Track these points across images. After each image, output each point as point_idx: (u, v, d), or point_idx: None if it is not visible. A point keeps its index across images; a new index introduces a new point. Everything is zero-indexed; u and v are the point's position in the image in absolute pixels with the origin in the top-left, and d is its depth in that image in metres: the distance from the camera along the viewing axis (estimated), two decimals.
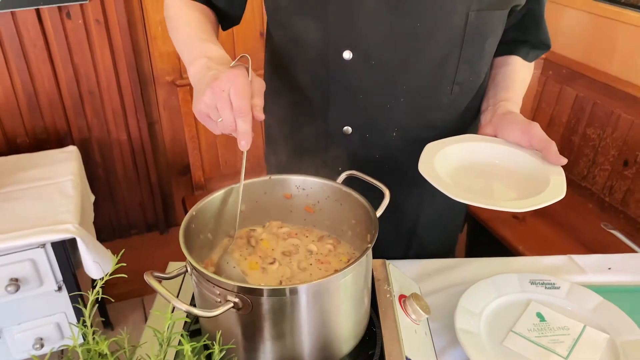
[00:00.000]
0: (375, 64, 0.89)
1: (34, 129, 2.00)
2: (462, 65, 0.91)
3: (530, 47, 1.03)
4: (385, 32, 0.86)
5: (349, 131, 0.96)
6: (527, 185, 0.84)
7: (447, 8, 0.84)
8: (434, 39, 0.87)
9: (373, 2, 0.84)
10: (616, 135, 2.00)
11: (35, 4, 1.81)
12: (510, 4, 0.90)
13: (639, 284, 1.08)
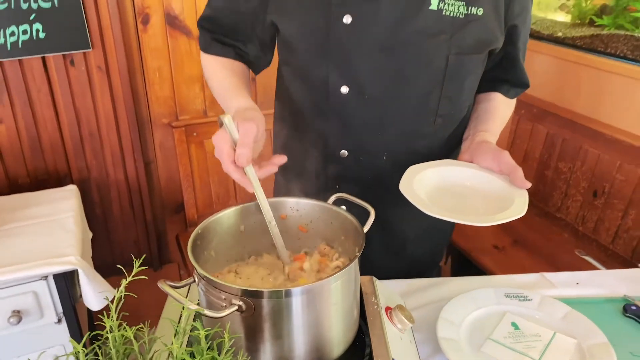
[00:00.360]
0: (368, 97, 1.02)
1: (35, 170, 2.10)
2: (443, 100, 1.04)
3: (511, 85, 1.16)
4: (377, 71, 0.99)
5: (345, 154, 1.09)
6: (495, 204, 0.95)
7: (430, 52, 0.98)
8: (418, 77, 1.01)
9: (367, 45, 0.97)
10: (585, 169, 2.14)
11: (41, 52, 1.93)
12: (486, 49, 1.04)
13: (603, 296, 1.18)
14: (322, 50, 1.00)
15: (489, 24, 0.99)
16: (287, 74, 1.12)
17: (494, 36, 1.02)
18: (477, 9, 0.96)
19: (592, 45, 2.20)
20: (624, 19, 2.08)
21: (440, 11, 0.95)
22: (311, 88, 1.06)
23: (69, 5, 1.92)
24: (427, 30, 0.96)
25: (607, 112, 2.14)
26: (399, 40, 0.96)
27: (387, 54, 0.97)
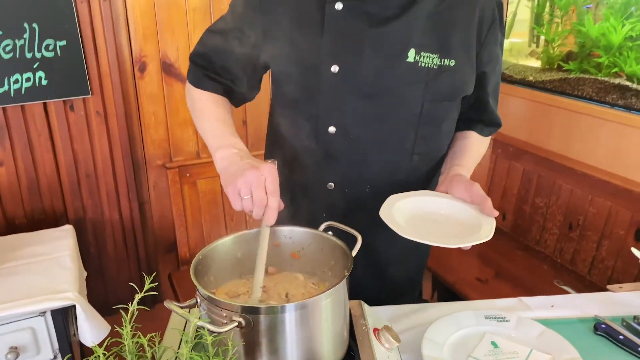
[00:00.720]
0: (352, 137, 1.13)
1: (33, 211, 2.16)
2: (419, 140, 1.15)
3: (484, 125, 1.27)
4: (361, 114, 1.10)
5: (332, 186, 1.18)
6: (465, 230, 1.05)
7: (406, 99, 1.10)
8: (396, 120, 1.12)
9: (352, 92, 1.09)
10: (560, 203, 2.26)
11: (43, 98, 2.04)
12: (458, 96, 1.15)
13: (575, 317, 1.26)
14: (312, 94, 1.11)
15: (461, 73, 1.11)
16: (279, 113, 1.23)
17: (466, 84, 1.14)
18: (450, 61, 1.08)
19: (560, 88, 2.36)
20: (588, 64, 2.25)
21: (417, 63, 1.07)
22: (301, 127, 1.16)
23: (71, 54, 2.04)
24: (404, 80, 1.08)
25: (577, 149, 2.28)
26: (379, 88, 1.08)
27: (369, 99, 1.09)
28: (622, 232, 2.00)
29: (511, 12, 2.59)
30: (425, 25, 1.06)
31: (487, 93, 1.22)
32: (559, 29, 2.42)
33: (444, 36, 1.08)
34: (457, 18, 1.09)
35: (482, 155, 1.32)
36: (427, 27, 1.06)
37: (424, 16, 1.06)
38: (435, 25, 1.07)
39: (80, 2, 2.02)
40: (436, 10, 1.07)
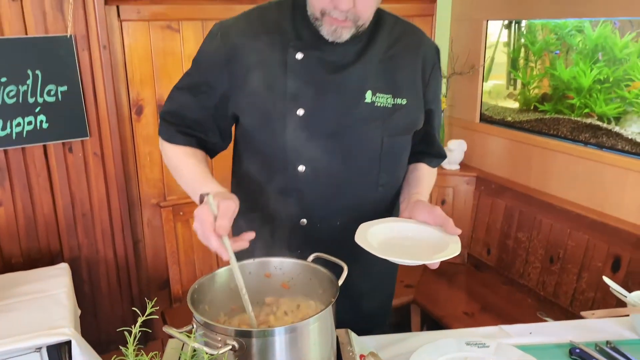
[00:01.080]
0: (321, 174, 1.21)
1: (29, 249, 2.21)
2: (382, 173, 1.25)
3: (432, 157, 1.40)
4: (327, 152, 1.19)
5: (305, 222, 1.26)
6: (434, 249, 1.13)
7: (368, 136, 1.20)
8: (360, 156, 1.22)
9: (318, 132, 1.18)
10: (541, 237, 2.35)
11: (43, 141, 2.12)
12: (412, 130, 1.28)
13: (552, 343, 1.33)
14: (280, 138, 1.19)
15: (412, 110, 1.23)
16: (246, 158, 1.30)
17: (418, 119, 1.27)
18: (402, 100, 1.20)
19: (537, 128, 2.49)
20: (562, 105, 2.39)
21: (373, 103, 1.18)
22: (271, 169, 1.24)
23: (71, 99, 2.13)
24: (364, 119, 1.19)
25: (555, 186, 2.39)
26: (342, 127, 1.18)
27: (334, 138, 1.18)
28: (600, 264, 2.08)
29: (489, 57, 2.75)
30: (378, 69, 1.18)
31: (433, 128, 1.36)
32: (534, 72, 2.57)
33: (395, 79, 1.20)
34: (404, 63, 1.22)
35: (433, 184, 1.42)
36: (380, 72, 1.18)
37: (376, 62, 1.18)
38: (387, 70, 1.19)
39: (81, 50, 2.13)
40: (386, 56, 1.19)
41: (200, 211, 1.00)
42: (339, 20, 1.08)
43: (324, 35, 1.12)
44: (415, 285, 2.61)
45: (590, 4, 2.13)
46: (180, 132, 1.24)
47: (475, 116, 2.82)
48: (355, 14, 1.07)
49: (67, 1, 2.06)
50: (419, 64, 1.24)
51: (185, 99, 1.24)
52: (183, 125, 1.25)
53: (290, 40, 1.16)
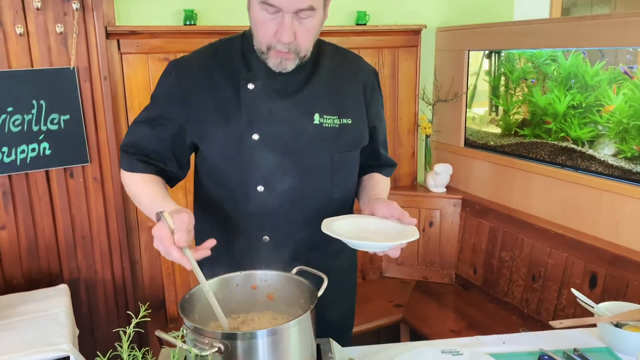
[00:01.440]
0: (279, 192, 1.30)
1: (30, 271, 2.29)
2: (335, 187, 1.36)
3: (382, 167, 1.51)
4: (283, 171, 1.29)
5: (267, 239, 1.35)
6: (394, 238, 1.20)
7: (319, 154, 1.31)
8: (313, 173, 1.32)
9: (273, 153, 1.27)
10: (523, 256, 2.44)
11: (46, 167, 2.23)
12: (359, 146, 1.39)
13: (523, 351, 1.41)
14: (239, 162, 1.29)
15: (357, 128, 1.35)
16: (207, 183, 1.39)
17: (363, 136, 1.39)
18: (347, 120, 1.32)
19: (518, 152, 2.61)
20: (540, 130, 2.51)
21: (321, 124, 1.29)
22: (232, 191, 1.33)
23: (73, 127, 2.25)
24: (314, 139, 1.30)
25: (535, 206, 2.49)
26: (295, 148, 1.29)
27: (288, 158, 1.29)
28: (578, 281, 2.17)
29: (471, 84, 2.88)
30: (323, 94, 1.31)
31: (378, 144, 1.48)
32: (514, 99, 2.70)
33: (339, 102, 1.33)
34: (347, 87, 1.36)
35: (388, 189, 1.52)
36: (325, 96, 1.31)
37: (321, 87, 1.31)
38: (332, 94, 1.32)
39: (83, 80, 2.26)
40: (330, 81, 1.33)
41: (158, 228, 1.07)
42: (282, 52, 1.20)
43: (270, 67, 1.24)
44: (404, 304, 2.69)
45: (561, 36, 2.27)
46: (140, 160, 1.30)
47: (460, 141, 2.94)
48: (296, 45, 1.20)
49: (71, 36, 2.20)
50: (360, 87, 1.37)
51: (144, 131, 1.32)
52: (142, 155, 1.31)
53: (241, 72, 1.28)
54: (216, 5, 2.49)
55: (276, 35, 1.18)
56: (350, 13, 2.84)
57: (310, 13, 1.17)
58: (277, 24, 1.16)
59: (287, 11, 1.14)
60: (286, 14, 1.15)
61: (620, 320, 1.45)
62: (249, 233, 1.35)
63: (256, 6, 1.17)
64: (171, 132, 1.31)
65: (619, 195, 2.10)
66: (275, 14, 1.16)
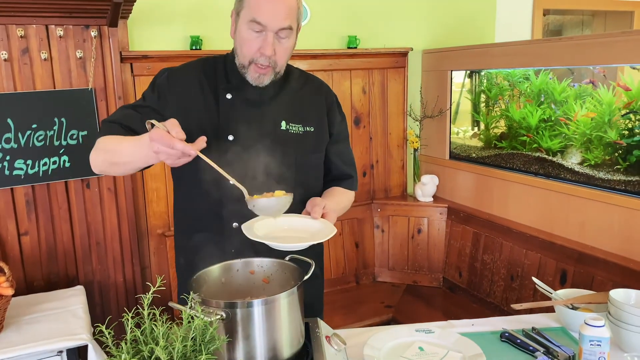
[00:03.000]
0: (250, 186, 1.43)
1: (49, 274, 2.51)
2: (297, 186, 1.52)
3: (341, 180, 1.68)
4: (252, 167, 1.47)
5: (236, 226, 1.50)
6: (307, 239, 1.37)
7: (284, 154, 1.50)
8: (278, 170, 1.50)
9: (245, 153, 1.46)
10: (503, 258, 2.64)
11: (65, 178, 2.46)
12: (319, 150, 1.59)
13: (488, 331, 1.61)
14: (214, 157, 1.41)
15: (318, 135, 1.57)
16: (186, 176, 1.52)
17: (323, 142, 1.60)
18: (309, 127, 1.55)
19: (497, 162, 2.83)
20: (516, 142, 2.74)
21: (287, 130, 1.53)
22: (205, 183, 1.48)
23: (90, 142, 2.46)
24: (280, 142, 1.51)
25: (513, 212, 2.70)
26: (264, 148, 1.49)
27: (256, 156, 1.49)
28: (550, 279, 2.37)
29: (455, 102, 3.12)
30: (289, 105, 1.54)
31: (330, 153, 1.64)
32: (492, 114, 2.93)
33: (304, 112, 1.56)
34: (310, 101, 1.59)
35: (350, 200, 1.71)
36: (291, 107, 1.54)
37: (287, 100, 1.54)
38: (296, 106, 1.56)
39: (100, 100, 2.50)
40: (295, 96, 1.56)
41: (154, 132, 1.19)
42: (262, 67, 1.43)
43: (249, 81, 1.47)
44: (394, 305, 2.88)
45: (531, 56, 2.51)
46: (121, 127, 1.43)
47: (445, 154, 3.17)
48: (275, 60, 1.43)
49: (90, 60, 2.45)
50: (322, 102, 1.61)
51: (128, 112, 1.48)
52: (122, 126, 1.44)
53: (221, 83, 1.51)
54: (219, 32, 2.75)
55: (259, 50, 1.41)
56: (342, 37, 3.10)
57: (288, 33, 1.42)
58: (261, 41, 1.41)
59: (271, 30, 1.39)
60: (269, 32, 1.40)
61: (574, 303, 1.66)
62: (220, 220, 1.54)
63: (244, 26, 1.42)
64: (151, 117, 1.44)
65: (584, 199, 2.32)
66: (260, 33, 1.40)
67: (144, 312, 1.12)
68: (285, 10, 1.40)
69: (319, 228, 1.42)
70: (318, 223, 1.44)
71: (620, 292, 1.52)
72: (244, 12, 1.42)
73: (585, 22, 4.52)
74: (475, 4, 3.48)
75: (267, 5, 1.39)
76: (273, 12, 1.39)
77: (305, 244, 1.34)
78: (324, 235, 1.37)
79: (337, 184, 1.70)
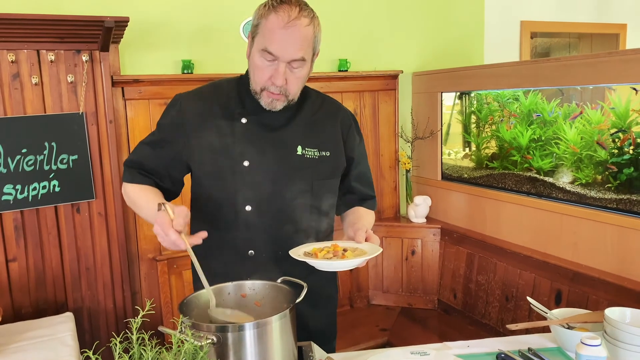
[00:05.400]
0: (265, 212, 1.49)
1: (37, 301, 2.46)
2: (314, 210, 1.53)
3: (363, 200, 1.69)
4: (269, 194, 1.49)
5: (252, 253, 1.52)
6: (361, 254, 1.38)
7: (301, 180, 1.50)
8: (294, 196, 1.50)
9: (260, 178, 1.48)
10: (497, 279, 2.63)
11: (55, 203, 2.44)
12: (336, 175, 1.58)
13: (484, 352, 1.59)
14: (231, 184, 1.48)
15: (335, 159, 1.55)
16: (202, 200, 1.53)
17: (340, 166, 1.58)
18: (326, 152, 1.53)
19: (489, 182, 2.84)
20: (507, 162, 2.75)
21: (303, 155, 1.51)
22: (222, 209, 1.52)
23: (81, 166, 2.47)
24: (296, 167, 1.50)
25: (506, 232, 2.70)
26: (279, 174, 1.49)
27: (273, 183, 1.49)
28: (545, 299, 2.35)
29: (446, 123, 3.14)
30: (305, 129, 1.53)
31: (351, 177, 1.64)
32: (483, 135, 2.95)
33: (320, 136, 1.54)
34: (326, 125, 1.57)
35: (373, 219, 1.69)
36: (308, 132, 1.53)
37: (303, 124, 1.53)
38: (312, 130, 1.54)
39: (91, 124, 2.50)
40: (311, 120, 1.54)
41: (159, 215, 1.24)
42: (274, 94, 1.43)
43: (263, 105, 1.46)
44: (389, 328, 2.84)
45: (519, 77, 2.54)
46: (140, 174, 1.51)
47: (437, 175, 3.18)
48: (286, 89, 1.42)
49: (81, 84, 2.45)
50: (338, 125, 1.59)
51: (145, 151, 1.52)
52: (142, 170, 1.51)
53: (236, 108, 1.50)
54: (210, 57, 2.77)
55: (270, 79, 1.40)
56: (333, 60, 3.14)
57: (301, 64, 1.41)
58: (273, 70, 1.39)
59: (282, 60, 1.38)
60: (281, 63, 1.38)
61: (570, 322, 1.64)
62: (236, 247, 1.53)
63: (257, 54, 1.41)
64: (170, 154, 1.51)
65: (576, 218, 2.32)
66: (272, 62, 1.39)
67: (132, 337, 1.09)
68: (299, 43, 1.38)
69: (366, 249, 1.41)
70: (363, 245, 1.43)
71: (615, 311, 1.51)
72: (258, 39, 1.40)
73: (572, 45, 4.60)
74: (464, 27, 3.54)
75: (280, 37, 1.36)
76: (285, 43, 1.37)
77: (361, 259, 1.32)
78: (373, 251, 1.36)
79: (360, 204, 1.69)
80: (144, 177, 1.52)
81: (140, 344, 1.11)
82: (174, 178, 1.56)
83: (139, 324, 1.13)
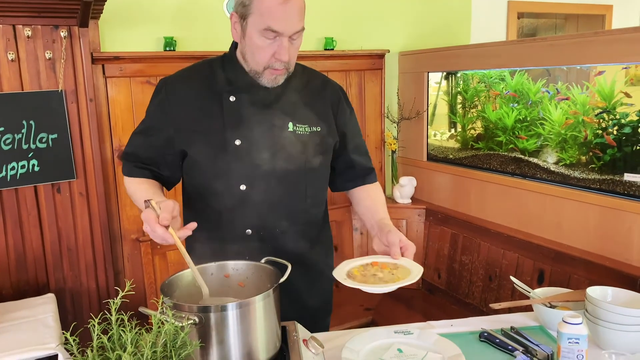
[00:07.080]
0: (260, 190, 1.48)
1: (19, 282, 2.42)
2: (308, 187, 1.54)
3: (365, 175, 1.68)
4: (263, 171, 1.47)
5: (250, 232, 1.52)
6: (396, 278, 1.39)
7: (293, 156, 1.49)
8: (289, 173, 1.49)
9: (253, 156, 1.46)
10: (481, 258, 2.64)
11: (34, 182, 2.39)
12: (328, 151, 1.56)
13: (468, 331, 1.60)
14: (223, 164, 1.47)
15: (326, 135, 1.54)
16: (196, 183, 1.55)
17: (332, 141, 1.57)
18: (317, 128, 1.52)
19: (474, 163, 2.84)
20: (492, 143, 2.75)
21: (295, 131, 1.49)
22: (217, 190, 1.50)
23: (61, 145, 2.42)
24: (289, 143, 1.49)
25: (490, 212, 2.71)
26: (272, 151, 1.48)
27: (266, 160, 1.48)
28: (528, 278, 2.37)
29: (432, 103, 3.13)
30: (295, 106, 1.51)
31: (348, 150, 1.64)
32: (469, 115, 2.94)
33: (310, 113, 1.52)
34: (315, 100, 1.55)
35: (384, 198, 1.69)
36: (297, 108, 1.51)
37: (293, 101, 1.51)
38: (302, 106, 1.52)
39: (70, 102, 2.44)
40: (300, 96, 1.53)
41: (145, 212, 1.25)
42: (278, 70, 1.41)
43: (263, 84, 1.44)
44: (374, 308, 2.86)
45: (505, 57, 2.53)
46: (137, 167, 1.51)
47: (422, 155, 3.17)
48: (289, 62, 1.41)
49: (59, 61, 2.39)
50: (327, 99, 1.58)
51: (139, 140, 1.52)
52: (139, 162, 1.51)
53: (223, 86, 1.48)
54: (193, 34, 2.71)
55: (274, 56, 1.38)
56: (319, 39, 3.09)
57: (300, 34, 1.40)
58: (276, 47, 1.37)
59: (286, 35, 1.36)
60: (284, 38, 1.36)
61: (552, 301, 1.66)
62: (234, 227, 1.52)
63: (255, 34, 1.38)
64: (162, 141, 1.50)
65: (560, 199, 2.33)
66: (274, 39, 1.37)
67: (112, 318, 1.08)
68: (298, 14, 1.37)
69: (407, 265, 1.43)
70: (402, 261, 1.43)
71: (597, 290, 1.53)
72: (254, 19, 1.37)
73: (558, 26, 4.59)
74: (450, 6, 3.50)
75: (281, 13, 1.34)
76: (287, 18, 1.35)
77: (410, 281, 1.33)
78: (413, 276, 1.35)
79: (362, 180, 1.68)
80: (142, 170, 1.51)
81: (120, 325, 1.09)
82: (171, 164, 1.54)
83: (118, 304, 1.11)
